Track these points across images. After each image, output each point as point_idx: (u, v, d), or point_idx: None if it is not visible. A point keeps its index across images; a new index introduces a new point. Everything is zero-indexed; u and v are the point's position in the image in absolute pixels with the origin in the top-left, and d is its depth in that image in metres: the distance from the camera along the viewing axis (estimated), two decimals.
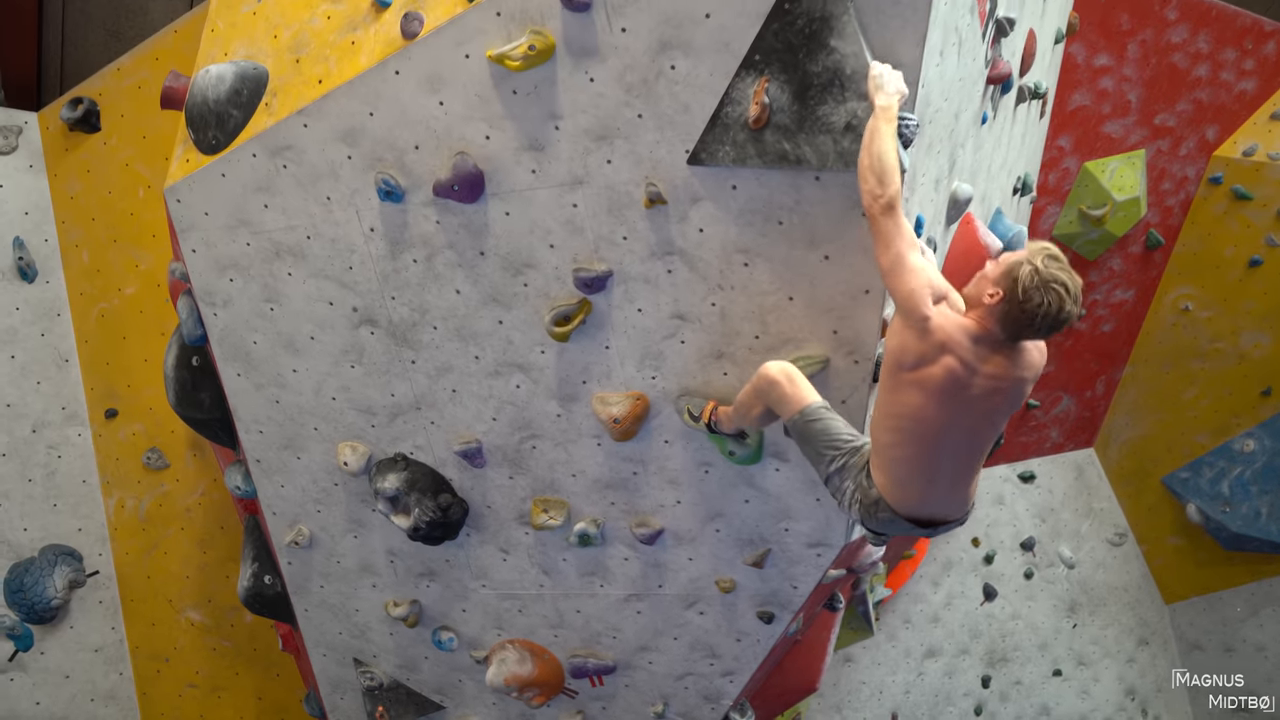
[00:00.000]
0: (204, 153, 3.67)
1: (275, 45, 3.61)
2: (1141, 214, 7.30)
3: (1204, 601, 8.65)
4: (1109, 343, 8.13)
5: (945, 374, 2.84)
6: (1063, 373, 8.13)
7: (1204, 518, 8.11)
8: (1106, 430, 8.69)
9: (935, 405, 2.88)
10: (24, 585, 5.53)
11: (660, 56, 3.04)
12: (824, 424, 3.12)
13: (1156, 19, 6.68)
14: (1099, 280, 7.70)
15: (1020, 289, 2.74)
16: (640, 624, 4.22)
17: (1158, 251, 7.73)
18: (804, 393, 3.18)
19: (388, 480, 4.04)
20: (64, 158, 5.55)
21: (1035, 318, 2.75)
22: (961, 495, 3.08)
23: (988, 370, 2.89)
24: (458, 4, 3.18)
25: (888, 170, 2.72)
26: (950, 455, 2.97)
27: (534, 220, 3.40)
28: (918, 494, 2.99)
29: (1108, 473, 8.80)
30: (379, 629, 4.58)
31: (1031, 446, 8.50)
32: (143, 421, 5.63)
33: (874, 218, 2.77)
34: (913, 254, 2.78)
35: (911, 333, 2.82)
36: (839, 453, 3.08)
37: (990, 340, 2.87)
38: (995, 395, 2.93)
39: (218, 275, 3.85)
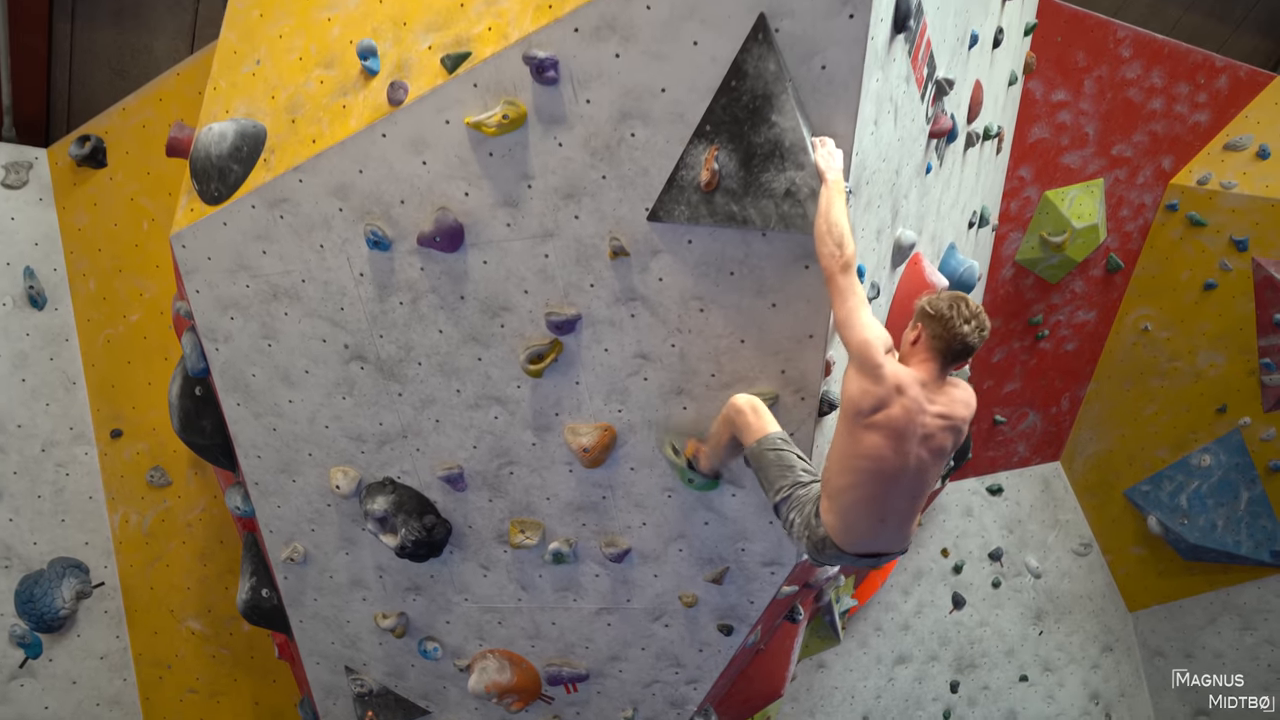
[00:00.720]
0: (207, 203, 3.97)
1: (273, 105, 3.92)
2: (1100, 240, 7.61)
3: (1165, 610, 8.94)
4: (1073, 361, 8.44)
5: (903, 414, 3.12)
6: (1029, 390, 8.44)
7: (1164, 529, 8.42)
8: (1072, 445, 8.99)
9: (894, 445, 3.14)
10: (34, 596, 5.71)
11: (621, 125, 3.36)
12: (779, 454, 3.39)
13: (1111, 56, 7.00)
14: (1061, 302, 8.02)
15: (931, 309, 3.16)
16: (610, 635, 4.52)
17: (1118, 275, 8.04)
18: (765, 423, 3.46)
19: (376, 502, 4.33)
20: (72, 192, 5.78)
21: (954, 323, 3.11)
22: (905, 531, 3.34)
23: (935, 410, 3.19)
24: (439, 75, 3.50)
25: (844, 234, 3.05)
26: (902, 493, 3.23)
27: (509, 269, 3.72)
28: (868, 532, 3.23)
29: (1073, 485, 9.09)
30: (369, 639, 4.86)
31: (1000, 460, 8.80)
32: (146, 441, 5.83)
33: (832, 276, 3.08)
34: (864, 310, 3.08)
35: (868, 380, 3.09)
36: (788, 483, 3.32)
37: (932, 381, 3.19)
38: (944, 433, 3.22)
39: (220, 314, 4.15)
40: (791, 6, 3.08)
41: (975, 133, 5.04)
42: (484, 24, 3.43)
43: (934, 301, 3.18)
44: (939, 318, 3.14)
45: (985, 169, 5.87)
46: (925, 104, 4.00)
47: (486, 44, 3.41)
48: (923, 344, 3.16)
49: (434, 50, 3.52)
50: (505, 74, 3.39)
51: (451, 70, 3.45)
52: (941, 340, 3.13)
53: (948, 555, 8.60)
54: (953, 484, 8.51)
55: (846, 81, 3.15)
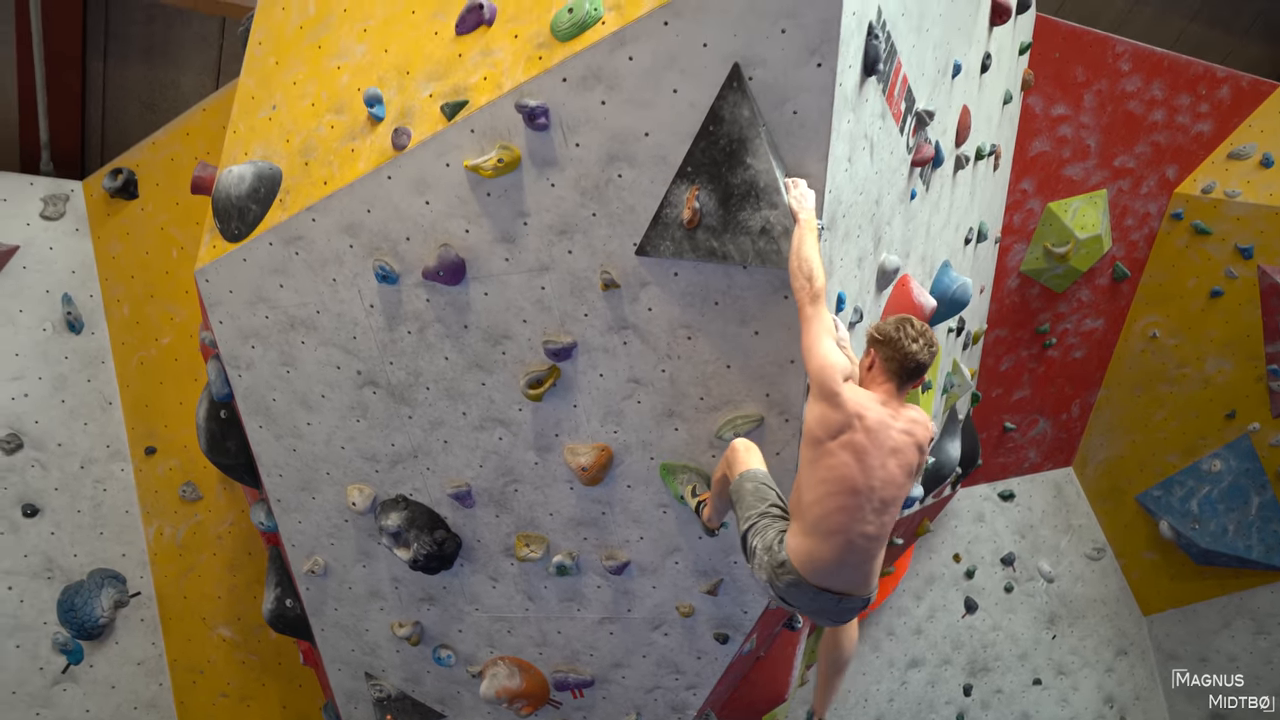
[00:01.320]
0: (228, 240, 4.24)
1: (287, 149, 4.18)
2: (1104, 250, 7.73)
3: (1179, 613, 8.99)
4: (1081, 368, 8.55)
5: (866, 435, 3.23)
6: (1038, 397, 8.56)
7: (1176, 534, 8.50)
8: (1084, 450, 9.09)
9: (859, 463, 3.22)
10: (75, 605, 6.02)
11: (609, 167, 3.58)
12: (757, 487, 3.48)
13: (1110, 70, 7.13)
14: (1068, 311, 8.13)
15: (880, 336, 3.33)
16: (613, 643, 4.74)
17: (1125, 283, 8.14)
18: (752, 460, 3.58)
19: (390, 518, 4.58)
20: (106, 222, 6.09)
21: (903, 344, 3.27)
22: (865, 572, 3.32)
23: (900, 425, 3.32)
24: (439, 121, 3.73)
25: (814, 269, 3.24)
26: (869, 515, 3.24)
27: (509, 300, 3.95)
28: (831, 560, 3.22)
29: (1085, 490, 9.18)
30: (387, 647, 5.12)
31: (1010, 466, 8.92)
32: (178, 458, 6.13)
33: (802, 306, 3.26)
34: (827, 339, 3.24)
35: (827, 406, 3.22)
36: (757, 512, 3.41)
37: (891, 402, 3.33)
38: (910, 449, 3.33)
39: (241, 343, 4.42)
40: (764, 56, 3.28)
41: (965, 155, 5.20)
42: (480, 74, 3.66)
43: (881, 326, 3.34)
44: (888, 340, 3.29)
45: (981, 186, 6.02)
46: (905, 135, 4.18)
47: (482, 93, 3.64)
48: (878, 368, 3.33)
49: (434, 98, 3.76)
50: (500, 120, 3.62)
51: (450, 117, 3.68)
52: (894, 361, 3.29)
53: (960, 560, 8.73)
54: (964, 490, 8.64)
55: (817, 125, 3.34)
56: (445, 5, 3.85)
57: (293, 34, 4.32)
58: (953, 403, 6.64)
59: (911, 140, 4.28)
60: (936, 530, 8.57)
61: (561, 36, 3.47)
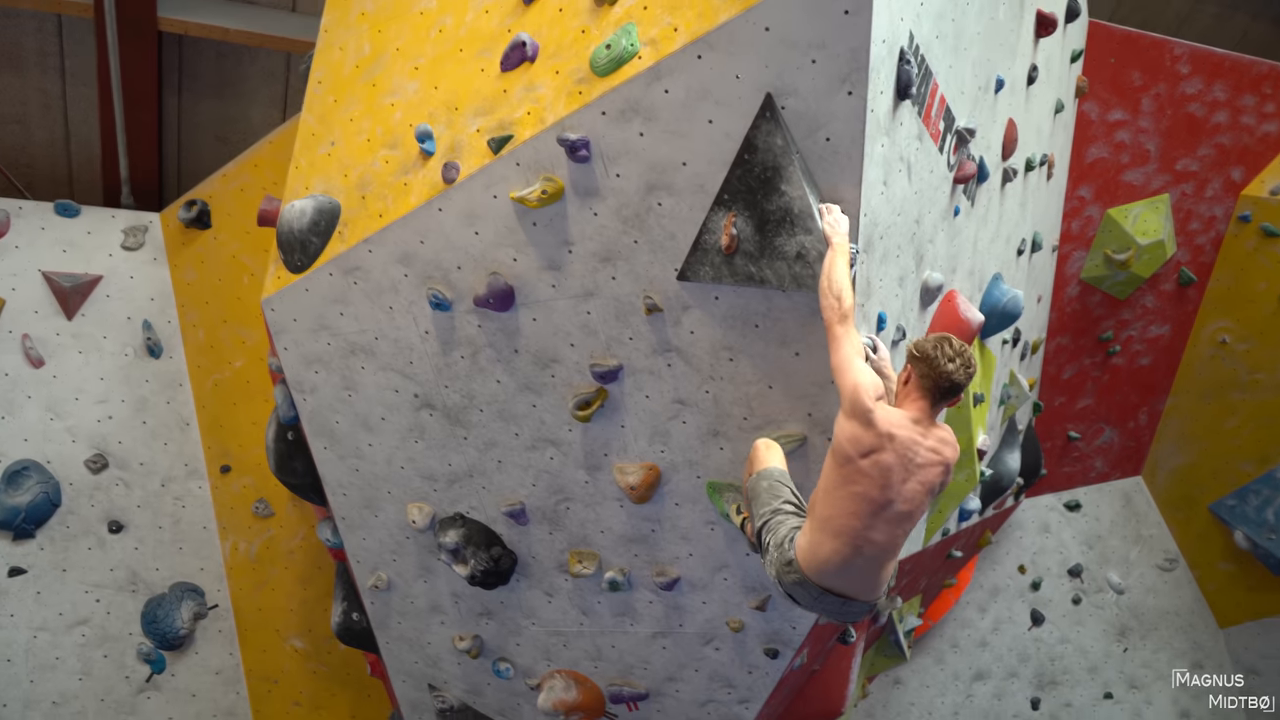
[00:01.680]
0: (291, 271, 4.46)
1: (345, 183, 4.38)
2: (1168, 255, 7.58)
3: (1258, 626, 8.72)
4: (1148, 375, 8.38)
5: (895, 456, 3.27)
6: (1102, 405, 8.41)
7: (1252, 544, 8.26)
8: (1153, 459, 8.89)
9: (882, 483, 3.27)
10: (157, 617, 6.33)
11: (649, 195, 3.69)
12: (770, 484, 3.59)
13: (1169, 74, 7.01)
14: (1132, 317, 7.99)
15: (918, 353, 3.31)
16: (666, 658, 4.83)
17: (1191, 288, 7.97)
18: (770, 459, 3.70)
19: (448, 535, 4.74)
20: (182, 251, 6.40)
21: (939, 363, 3.25)
22: (875, 578, 3.35)
23: (929, 444, 3.35)
24: (486, 155, 3.89)
25: (844, 290, 3.30)
26: (883, 527, 3.31)
27: (556, 325, 4.08)
28: (837, 564, 3.27)
29: (1156, 500, 8.97)
30: (448, 659, 5.28)
31: (1076, 476, 8.77)
32: (251, 475, 6.41)
33: (830, 325, 3.33)
34: (857, 359, 3.30)
35: (858, 425, 3.26)
36: (770, 509, 3.50)
37: (924, 420, 3.35)
38: (935, 468, 3.37)
39: (305, 368, 4.63)
40: (795, 86, 3.36)
41: (1012, 168, 5.18)
42: (524, 108, 3.81)
43: (920, 344, 3.33)
44: (925, 359, 3.29)
45: (1033, 197, 5.99)
46: (946, 154, 4.21)
47: (526, 127, 3.78)
48: (913, 384, 3.33)
49: (481, 133, 3.92)
50: (543, 153, 3.75)
51: (496, 151, 3.84)
52: (929, 379, 3.29)
53: (1025, 572, 8.61)
54: (1028, 500, 8.53)
55: (850, 151, 3.41)
56: (491, 43, 4.01)
57: (350, 73, 4.53)
58: (1011, 414, 6.59)
59: (953, 158, 4.30)
60: (1000, 541, 8.47)
61: (600, 72, 3.59)
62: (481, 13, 4.09)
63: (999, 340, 5.84)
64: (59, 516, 6.15)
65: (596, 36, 3.66)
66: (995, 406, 6.05)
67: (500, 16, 4.01)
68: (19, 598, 6.09)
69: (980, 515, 6.60)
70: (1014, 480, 6.68)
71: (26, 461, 6.06)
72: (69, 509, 6.18)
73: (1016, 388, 6.48)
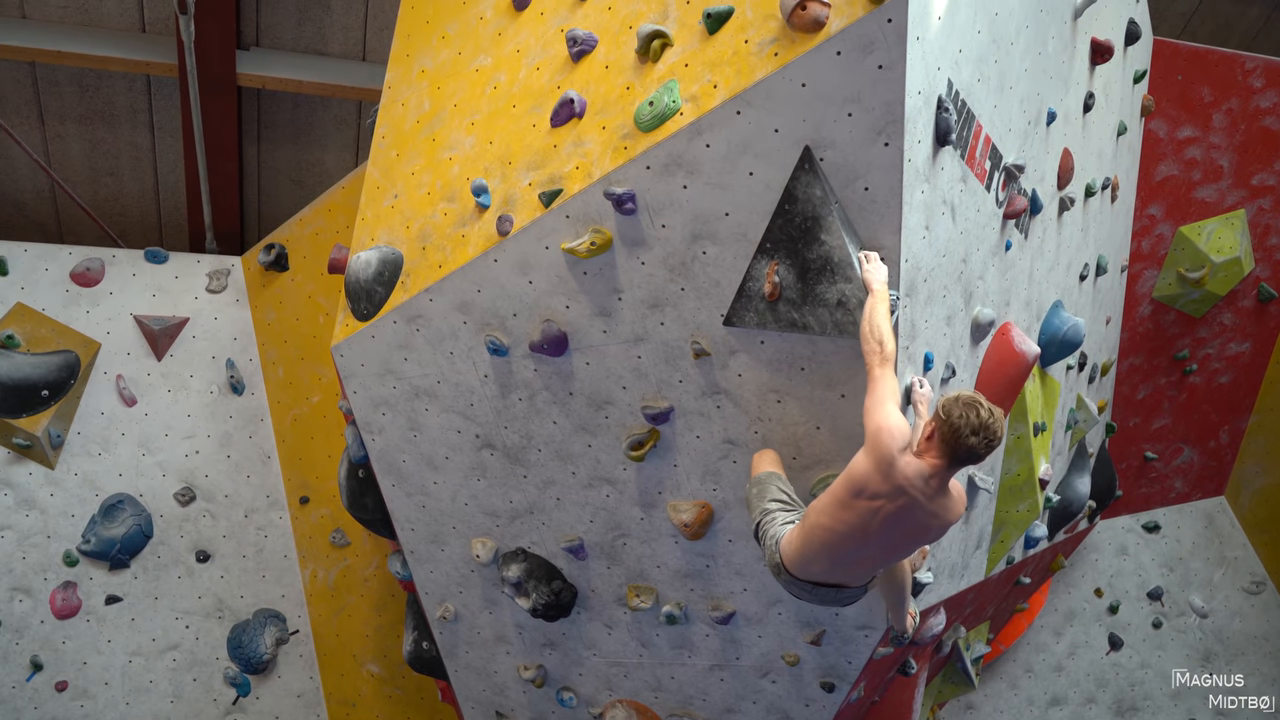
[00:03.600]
0: (359, 319, 4.67)
1: (408, 234, 4.58)
2: (1245, 272, 7.39)
3: None
4: (1229, 394, 8.15)
5: (897, 509, 3.31)
6: (1180, 425, 8.21)
7: None
8: (1236, 478, 8.63)
9: (878, 524, 3.34)
10: (242, 642, 6.64)
11: (694, 245, 3.79)
12: (759, 489, 3.74)
13: (1241, 89, 6.85)
14: (1209, 335, 7.79)
15: (944, 416, 3.25)
16: (724, 690, 4.91)
17: (1272, 304, 7.75)
18: (760, 466, 3.87)
19: (511, 569, 4.90)
20: (262, 292, 6.72)
21: (962, 434, 3.20)
22: (859, 572, 3.54)
23: (932, 508, 3.35)
24: (537, 208, 4.04)
25: (885, 336, 3.35)
26: (866, 556, 3.43)
27: (608, 369, 4.21)
28: (818, 570, 3.48)
29: (1241, 521, 8.70)
30: (514, 688, 5.44)
31: (1154, 497, 8.56)
32: (329, 506, 6.68)
33: (871, 369, 3.37)
34: (890, 404, 3.30)
35: (876, 470, 3.28)
36: (759, 510, 3.65)
37: (938, 478, 3.31)
38: (931, 529, 3.41)
39: (373, 410, 4.85)
40: (833, 139, 3.43)
41: (1069, 197, 5.14)
42: (572, 163, 3.95)
43: (949, 405, 3.24)
44: (950, 424, 3.22)
45: (1096, 221, 5.91)
46: (994, 192, 4.22)
47: (575, 181, 3.92)
48: (936, 441, 3.28)
49: (533, 187, 4.07)
50: (591, 206, 3.89)
51: (547, 205, 3.98)
52: (949, 445, 3.24)
53: (1102, 595, 8.43)
54: (1104, 522, 8.36)
55: (888, 200, 3.46)
56: (541, 99, 4.17)
57: (411, 128, 4.73)
58: (1080, 437, 6.50)
59: (1001, 194, 4.30)
60: (1075, 564, 8.31)
61: (644, 127, 3.72)
62: (533, 70, 4.25)
63: (1063, 366, 5.78)
64: (151, 547, 6.49)
65: (640, 93, 3.79)
66: (1061, 433, 5.98)
67: (550, 74, 4.17)
68: (115, 624, 6.44)
69: (1049, 541, 6.52)
70: (1085, 504, 6.58)
71: (121, 495, 6.42)
72: (160, 540, 6.51)
73: (1084, 412, 6.38)
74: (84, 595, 6.38)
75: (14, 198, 7.01)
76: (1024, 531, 5.46)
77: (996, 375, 4.62)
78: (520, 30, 4.39)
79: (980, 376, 4.57)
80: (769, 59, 3.43)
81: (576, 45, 4.06)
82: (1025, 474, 5.18)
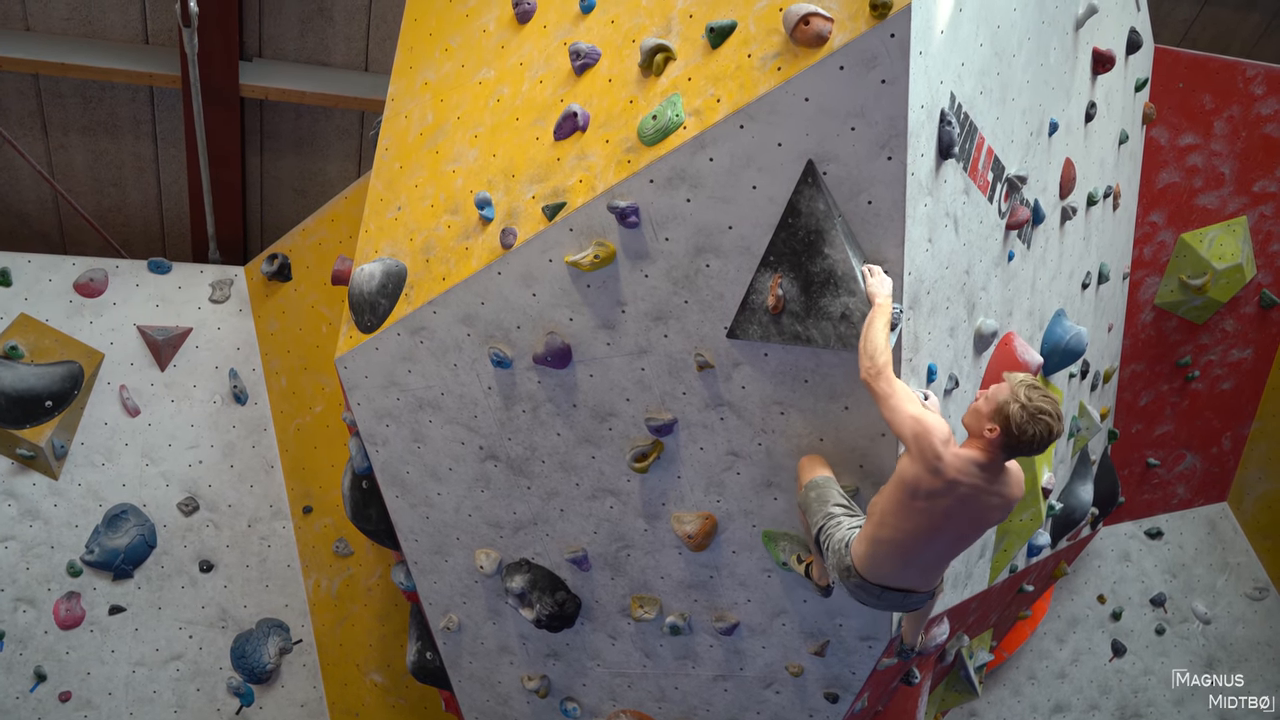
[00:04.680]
0: (362, 331, 4.68)
1: (411, 247, 4.59)
2: (1247, 279, 7.39)
3: None
4: (1231, 400, 8.16)
5: (957, 502, 3.32)
6: (1183, 431, 8.22)
7: None
8: (1239, 484, 8.63)
9: (941, 520, 3.35)
10: (246, 652, 6.62)
11: (697, 258, 3.80)
12: (818, 493, 3.73)
13: (1242, 96, 6.86)
14: (1211, 342, 7.80)
15: (1014, 425, 3.20)
16: (728, 700, 4.91)
17: (1274, 310, 7.75)
18: (813, 470, 3.85)
19: (515, 580, 4.91)
20: (265, 302, 6.71)
21: (1033, 444, 3.23)
22: (931, 574, 3.55)
23: (996, 488, 3.36)
24: (541, 221, 4.05)
25: (879, 349, 3.34)
26: (936, 550, 3.46)
27: (612, 381, 4.22)
28: (890, 572, 3.47)
29: (1243, 526, 8.70)
30: (518, 698, 5.43)
31: (1157, 504, 8.56)
32: (332, 516, 6.67)
33: (869, 383, 3.36)
34: (910, 405, 3.29)
35: (925, 470, 3.27)
36: (821, 515, 3.64)
37: (995, 465, 3.33)
38: (995, 510, 3.41)
39: (377, 422, 4.85)
40: (836, 153, 3.44)
41: (1071, 206, 5.15)
42: (576, 176, 3.96)
43: (1018, 419, 3.19)
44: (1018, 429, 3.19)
45: (1098, 229, 5.92)
46: (996, 203, 4.23)
47: (578, 194, 3.93)
48: (997, 440, 3.25)
49: (536, 200, 4.08)
50: (595, 219, 3.90)
51: (551, 218, 3.99)
52: (1009, 449, 3.26)
53: (1105, 601, 8.43)
54: (1106, 529, 8.35)
55: (891, 214, 3.47)
56: (545, 113, 4.18)
57: (414, 140, 4.75)
58: (1082, 445, 6.50)
59: (1004, 205, 4.31)
60: (1078, 571, 8.31)
61: (647, 141, 3.73)
62: (536, 83, 4.27)
63: (1065, 374, 5.78)
64: (154, 557, 6.49)
65: (644, 107, 3.80)
66: (1064, 441, 5.98)
67: (554, 87, 4.18)
68: (119, 634, 6.44)
69: (1052, 549, 6.52)
70: (1087, 511, 6.58)
71: (125, 505, 6.42)
72: (163, 550, 6.51)
73: (1087, 419, 6.39)
74: (88, 605, 6.38)
75: (17, 209, 7.02)
76: (1027, 540, 5.47)
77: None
78: (523, 43, 4.40)
79: (983, 387, 4.57)
80: (772, 73, 3.44)
81: (579, 59, 4.07)
82: (1029, 483, 5.19)
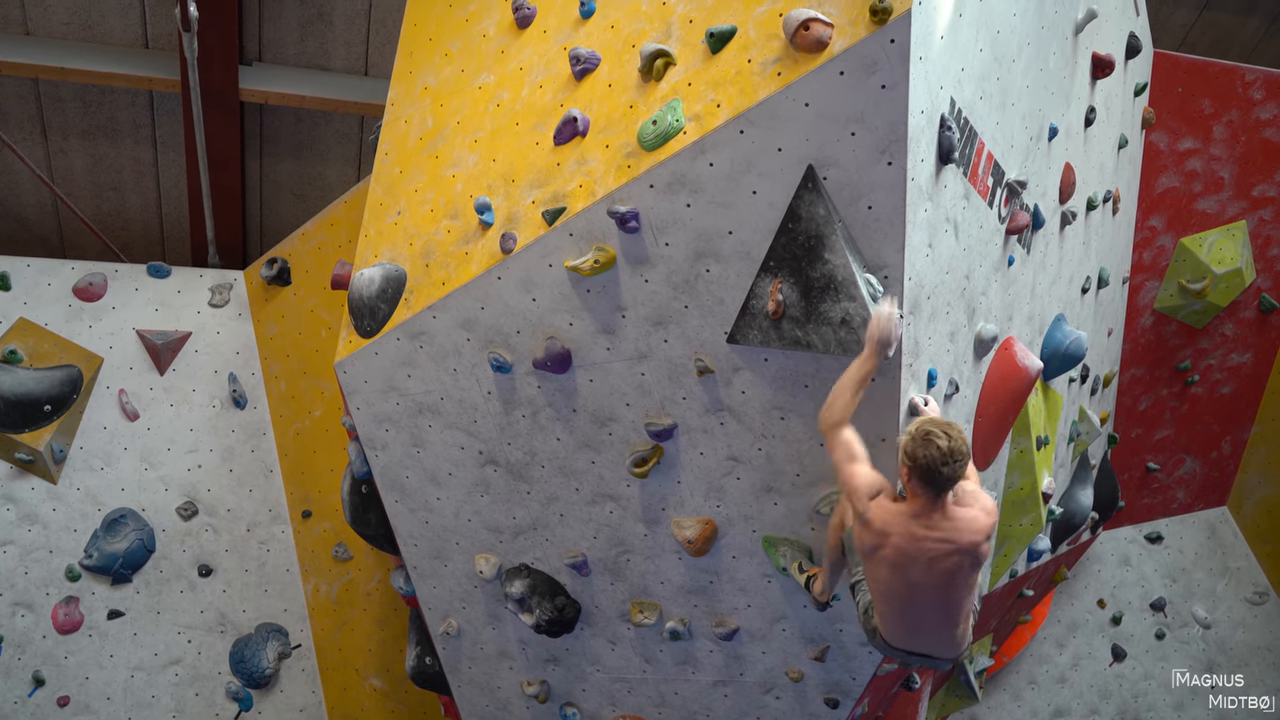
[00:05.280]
0: (362, 336, 4.67)
1: (410, 251, 4.59)
2: (1246, 283, 7.39)
3: None
4: (1230, 404, 8.15)
5: (895, 552, 3.41)
6: (1182, 436, 8.21)
7: None
8: (1239, 489, 8.63)
9: (899, 575, 3.44)
10: (245, 656, 6.60)
11: (697, 263, 3.80)
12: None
13: (1241, 100, 6.87)
14: (1211, 346, 7.80)
15: (908, 455, 3.32)
16: (728, 705, 4.89)
17: (1273, 314, 7.75)
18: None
19: (514, 585, 4.90)
20: (264, 306, 6.70)
21: (933, 465, 3.25)
22: (948, 639, 3.55)
23: (936, 535, 3.38)
24: (540, 226, 4.04)
25: (837, 402, 3.47)
26: (926, 611, 3.49)
27: (612, 386, 4.21)
28: (903, 635, 3.56)
29: (1243, 531, 8.69)
30: (517, 703, 5.42)
31: (1157, 508, 8.55)
32: (331, 520, 6.65)
33: (824, 433, 3.54)
34: (849, 464, 3.44)
35: (859, 524, 3.47)
36: (860, 566, 3.67)
37: (928, 510, 3.37)
38: (950, 556, 3.40)
39: (376, 426, 4.84)
40: (836, 158, 3.44)
41: (1071, 211, 5.15)
42: (576, 181, 3.96)
43: (912, 449, 3.29)
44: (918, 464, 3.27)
45: (1098, 234, 5.92)
46: (996, 208, 4.23)
47: (578, 199, 3.93)
48: (913, 479, 3.33)
49: (536, 205, 4.08)
50: (595, 224, 3.90)
51: (550, 223, 3.99)
52: (918, 474, 3.29)
53: (1104, 606, 8.42)
54: (1106, 533, 8.35)
55: (891, 219, 3.47)
56: (545, 117, 4.18)
57: (414, 145, 4.74)
58: (1082, 450, 6.50)
59: (1004, 210, 4.31)
60: (1078, 575, 8.30)
61: (647, 146, 3.73)
62: (536, 88, 4.27)
63: (1065, 379, 5.78)
64: (153, 562, 6.47)
65: (644, 112, 3.80)
66: (1064, 445, 5.98)
67: (553, 92, 4.18)
68: (118, 639, 6.42)
69: (1052, 554, 6.51)
70: (1087, 516, 6.58)
71: (124, 510, 6.41)
72: (162, 554, 6.50)
73: (1086, 424, 6.39)
74: (86, 610, 6.36)
75: (17, 213, 7.02)
76: (1027, 545, 5.46)
77: (999, 391, 4.62)
78: (523, 48, 4.41)
79: (983, 392, 4.57)
80: (772, 78, 3.45)
81: (579, 64, 4.07)
82: (1028, 488, 5.19)
